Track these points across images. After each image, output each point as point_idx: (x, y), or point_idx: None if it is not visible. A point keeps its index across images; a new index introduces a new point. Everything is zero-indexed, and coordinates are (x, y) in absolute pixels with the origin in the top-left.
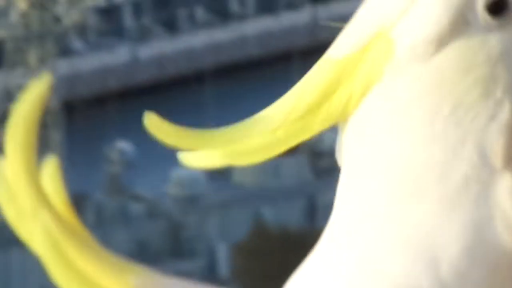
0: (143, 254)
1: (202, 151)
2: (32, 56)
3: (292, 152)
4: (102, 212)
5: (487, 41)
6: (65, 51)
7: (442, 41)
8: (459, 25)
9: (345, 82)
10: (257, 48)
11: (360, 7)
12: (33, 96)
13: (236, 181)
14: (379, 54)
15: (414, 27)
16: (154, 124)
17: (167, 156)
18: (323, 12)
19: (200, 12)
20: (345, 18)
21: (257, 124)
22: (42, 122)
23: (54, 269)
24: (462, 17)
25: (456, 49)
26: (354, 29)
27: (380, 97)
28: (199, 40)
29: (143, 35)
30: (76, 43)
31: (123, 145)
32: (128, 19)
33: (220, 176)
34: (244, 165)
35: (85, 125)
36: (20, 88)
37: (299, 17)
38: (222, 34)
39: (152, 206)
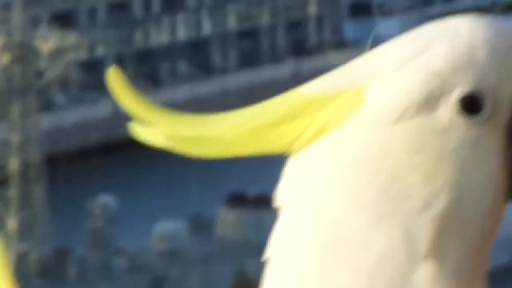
0: None
1: (153, 127)
2: (15, 110)
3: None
4: (85, 267)
5: (448, 133)
6: (47, 105)
7: (405, 115)
8: (428, 107)
9: (305, 116)
10: (239, 101)
11: (342, 61)
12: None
13: (219, 234)
14: (345, 105)
15: (386, 93)
16: (116, 80)
17: (150, 210)
18: (305, 65)
19: (182, 66)
20: (326, 72)
21: (216, 121)
22: (24, 177)
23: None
24: (434, 100)
25: (415, 128)
26: (333, 75)
27: (329, 147)
28: (182, 94)
29: None
30: (58, 97)
31: (106, 199)
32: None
33: (203, 230)
34: (184, 152)
35: (68, 179)
36: (3, 142)
37: (281, 71)
38: (205, 87)
39: (134, 260)
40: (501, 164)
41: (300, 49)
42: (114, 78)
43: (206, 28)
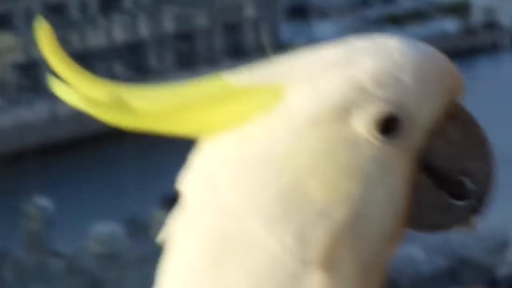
0: None
1: (72, 87)
2: None
3: None
4: (21, 269)
5: (359, 147)
6: None
7: (319, 121)
8: (344, 118)
9: (224, 104)
10: None
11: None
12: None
13: (155, 236)
14: (264, 101)
15: (304, 96)
16: (44, 34)
17: (87, 212)
18: (242, 67)
19: (119, 68)
20: None
21: (137, 93)
22: None
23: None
24: (351, 112)
25: (327, 136)
26: (259, 70)
27: (239, 140)
28: None
29: None
30: None
31: (42, 202)
32: (46, 75)
33: (140, 232)
34: (99, 117)
35: (4, 181)
36: None
37: (218, 73)
38: None
39: (72, 263)
40: (405, 189)
41: (237, 51)
42: (42, 33)
43: (143, 30)
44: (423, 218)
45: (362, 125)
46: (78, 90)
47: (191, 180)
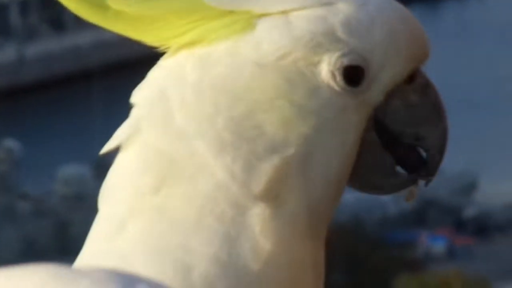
0: (31, 252)
1: None
2: None
3: None
4: None
5: (320, 90)
6: None
7: (285, 57)
8: (311, 59)
9: (193, 18)
10: (145, 45)
11: None
12: None
13: None
14: (233, 26)
15: (275, 29)
16: None
17: (54, 154)
18: None
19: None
20: None
21: None
22: None
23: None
24: (318, 54)
25: (291, 73)
26: None
27: (201, 61)
28: (86, 39)
29: (30, 34)
30: None
31: (11, 144)
32: (14, 18)
33: (107, 173)
34: (78, 12)
35: None
36: None
37: None
38: (108, 33)
39: (39, 204)
40: (356, 142)
41: None
42: None
43: None
44: (364, 176)
45: (327, 69)
46: None
47: (145, 93)
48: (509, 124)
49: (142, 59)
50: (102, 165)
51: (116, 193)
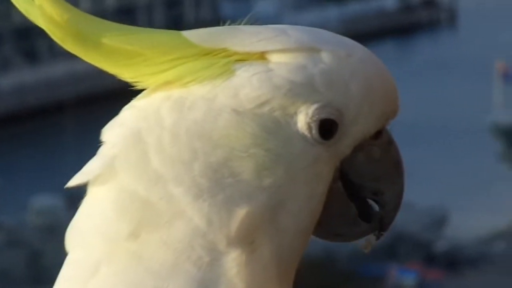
0: (5, 281)
1: (40, 7)
2: None
3: None
4: None
5: (295, 140)
6: None
7: (263, 106)
8: (288, 108)
9: (173, 55)
10: (119, 79)
11: None
12: None
13: None
14: (212, 68)
15: (255, 77)
16: None
17: (27, 185)
18: None
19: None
20: None
21: (101, 26)
22: None
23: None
24: (296, 105)
25: (268, 122)
26: (215, 31)
27: (178, 104)
28: (60, 71)
29: (4, 65)
30: None
31: None
32: None
33: (79, 204)
34: (57, 38)
35: None
36: None
37: None
38: (82, 64)
39: (11, 235)
40: (324, 191)
41: (177, 26)
42: None
43: (85, 4)
44: (328, 225)
45: (304, 121)
46: (42, 8)
47: (118, 132)
48: (481, 159)
49: (115, 92)
50: (75, 196)
51: (89, 237)
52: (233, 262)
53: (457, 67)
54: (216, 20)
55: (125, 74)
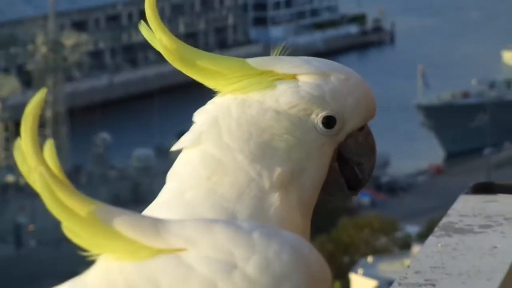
0: (116, 203)
1: (159, 41)
2: (49, 82)
3: None
4: (91, 177)
5: (311, 131)
6: (68, 78)
7: (293, 108)
8: (307, 110)
9: (239, 73)
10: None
11: (248, 55)
12: (34, 102)
13: (173, 157)
14: (262, 83)
15: (289, 89)
16: (152, 19)
17: (131, 142)
18: (226, 54)
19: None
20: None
21: (194, 52)
22: (55, 121)
23: (47, 201)
24: (312, 108)
25: (295, 118)
26: (265, 60)
27: (241, 103)
28: (151, 71)
29: (116, 69)
30: (75, 73)
31: (104, 135)
32: (107, 58)
33: (164, 154)
34: (170, 60)
35: (83, 123)
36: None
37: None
38: (168, 67)
39: (122, 173)
40: (327, 165)
41: (223, 44)
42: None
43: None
44: (327, 188)
45: (315, 118)
46: (160, 41)
47: (204, 118)
48: (410, 125)
49: (186, 85)
50: (161, 149)
51: (181, 176)
52: (275, 199)
53: (396, 70)
54: (247, 42)
55: (209, 83)
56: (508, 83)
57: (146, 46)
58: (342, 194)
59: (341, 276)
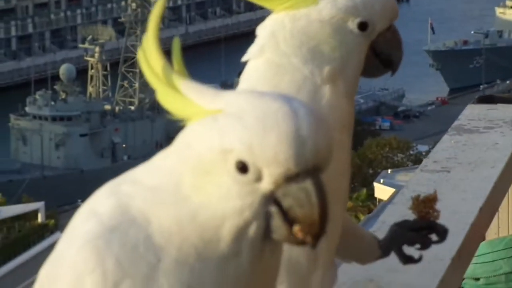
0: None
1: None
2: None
3: None
4: None
5: (348, 33)
6: None
7: (331, 19)
8: (344, 19)
9: None
10: (246, 24)
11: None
12: (155, 13)
13: None
14: (308, 0)
15: (327, 5)
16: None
17: (200, 78)
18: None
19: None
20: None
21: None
22: None
23: (146, 73)
24: (347, 17)
25: (335, 28)
26: None
27: (291, 19)
28: (220, 23)
29: (191, 21)
30: None
31: None
32: (183, 11)
33: (228, 89)
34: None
35: None
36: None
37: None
38: (232, 18)
39: None
40: (363, 60)
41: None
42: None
43: None
44: (366, 71)
45: (351, 24)
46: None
47: (263, 32)
48: (420, 66)
49: (245, 34)
50: (226, 84)
51: (250, 80)
52: (326, 91)
53: (410, 23)
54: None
55: (265, 4)
56: (499, 33)
57: (214, 1)
58: (379, 72)
59: (367, 185)
